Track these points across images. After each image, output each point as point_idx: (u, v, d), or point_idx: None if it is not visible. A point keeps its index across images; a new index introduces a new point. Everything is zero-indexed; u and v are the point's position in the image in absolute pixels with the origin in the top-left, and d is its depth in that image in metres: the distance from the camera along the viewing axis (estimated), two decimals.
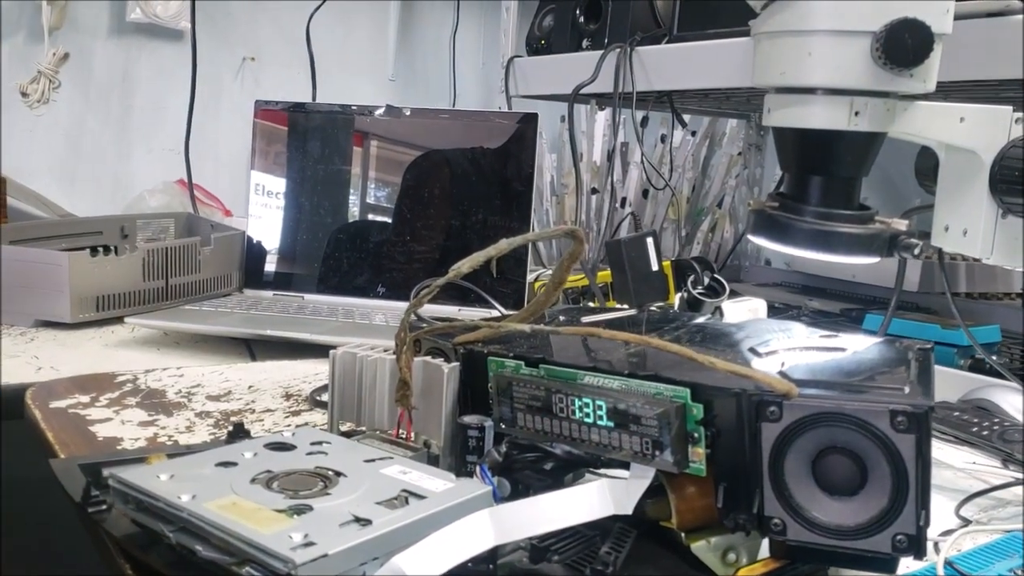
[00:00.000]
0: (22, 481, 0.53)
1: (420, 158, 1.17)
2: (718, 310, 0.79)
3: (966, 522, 0.57)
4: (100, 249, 1.02)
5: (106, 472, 0.43)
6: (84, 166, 1.49)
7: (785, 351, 0.49)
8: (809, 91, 0.57)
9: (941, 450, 0.71)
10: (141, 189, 1.48)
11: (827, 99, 0.57)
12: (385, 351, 0.56)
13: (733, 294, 0.97)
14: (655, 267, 0.98)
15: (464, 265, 0.52)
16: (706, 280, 0.89)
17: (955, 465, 0.68)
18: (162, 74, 1.53)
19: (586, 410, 0.46)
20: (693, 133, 1.56)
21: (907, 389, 0.43)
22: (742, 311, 0.80)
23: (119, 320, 0.97)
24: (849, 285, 1.35)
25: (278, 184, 1.20)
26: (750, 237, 0.64)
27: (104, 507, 0.43)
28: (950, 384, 0.83)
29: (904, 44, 0.53)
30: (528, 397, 0.48)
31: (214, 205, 1.52)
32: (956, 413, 0.77)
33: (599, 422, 0.46)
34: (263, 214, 1.20)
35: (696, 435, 0.44)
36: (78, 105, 1.47)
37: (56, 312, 0.98)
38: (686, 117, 1.42)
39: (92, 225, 1.21)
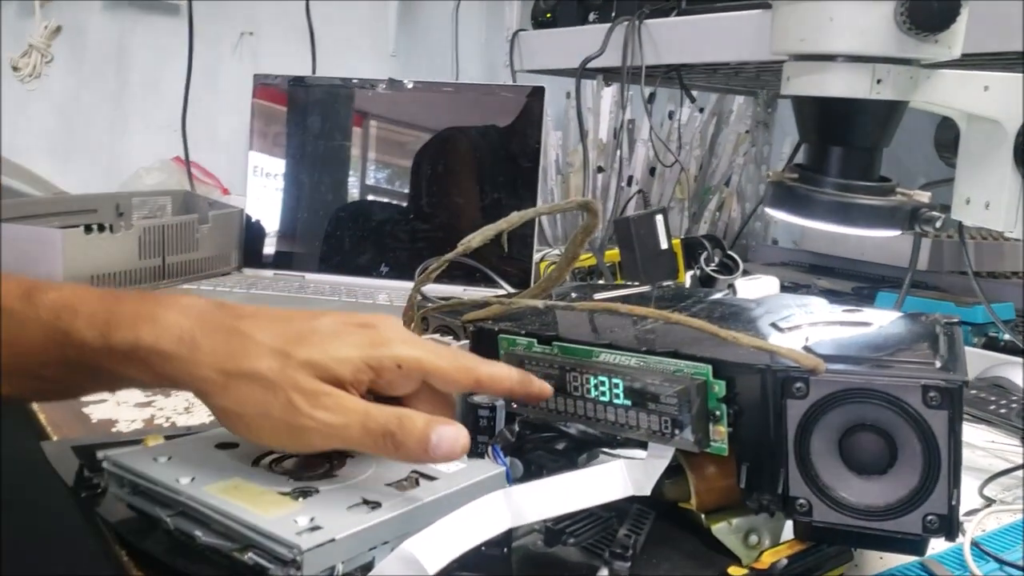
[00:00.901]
0: (11, 465, 0.51)
1: (424, 134, 1.14)
2: (731, 287, 0.77)
3: (990, 502, 0.55)
4: (95, 227, 0.99)
5: (101, 454, 0.41)
6: (77, 143, 1.46)
7: (808, 326, 0.47)
8: (830, 58, 0.55)
9: None
10: (136, 167, 1.45)
11: (849, 66, 0.55)
12: None
13: (744, 272, 0.95)
14: (664, 245, 0.96)
15: (475, 239, 0.50)
16: (717, 257, 0.87)
17: (974, 444, 0.66)
18: (158, 49, 1.50)
19: (602, 388, 0.44)
20: (701, 110, 1.53)
21: (938, 364, 0.41)
22: (755, 289, 0.79)
23: None
24: (857, 264, 1.33)
25: (278, 161, 1.17)
26: (768, 209, 0.62)
27: (99, 491, 0.41)
28: None
29: (930, 8, 0.51)
30: (541, 375, 0.46)
31: (211, 183, 1.49)
32: (973, 391, 0.76)
33: (615, 400, 0.44)
34: (262, 192, 1.17)
35: (718, 413, 0.42)
36: (71, 80, 1.43)
37: None
38: (694, 93, 1.39)
39: (86, 202, 1.18)
